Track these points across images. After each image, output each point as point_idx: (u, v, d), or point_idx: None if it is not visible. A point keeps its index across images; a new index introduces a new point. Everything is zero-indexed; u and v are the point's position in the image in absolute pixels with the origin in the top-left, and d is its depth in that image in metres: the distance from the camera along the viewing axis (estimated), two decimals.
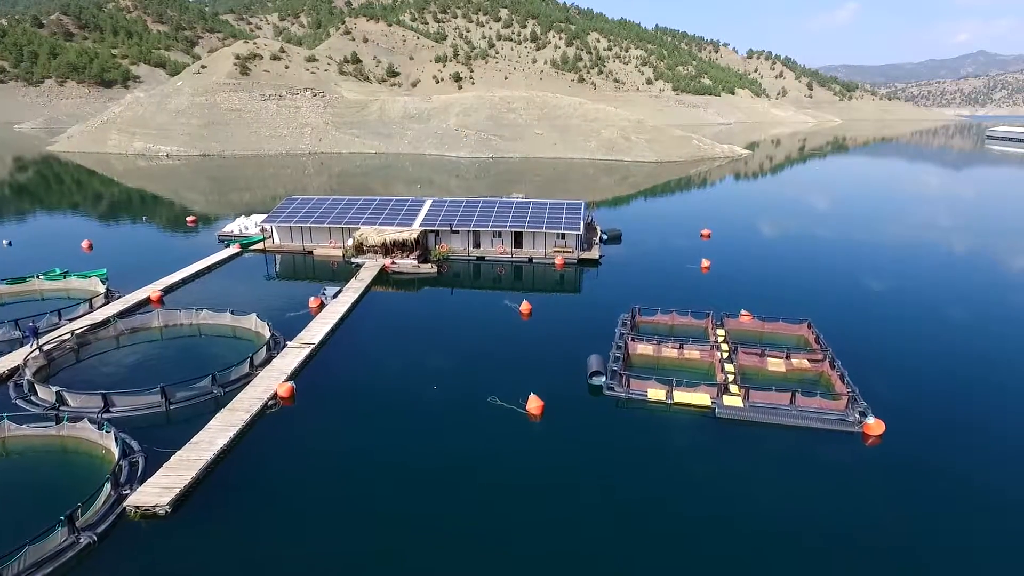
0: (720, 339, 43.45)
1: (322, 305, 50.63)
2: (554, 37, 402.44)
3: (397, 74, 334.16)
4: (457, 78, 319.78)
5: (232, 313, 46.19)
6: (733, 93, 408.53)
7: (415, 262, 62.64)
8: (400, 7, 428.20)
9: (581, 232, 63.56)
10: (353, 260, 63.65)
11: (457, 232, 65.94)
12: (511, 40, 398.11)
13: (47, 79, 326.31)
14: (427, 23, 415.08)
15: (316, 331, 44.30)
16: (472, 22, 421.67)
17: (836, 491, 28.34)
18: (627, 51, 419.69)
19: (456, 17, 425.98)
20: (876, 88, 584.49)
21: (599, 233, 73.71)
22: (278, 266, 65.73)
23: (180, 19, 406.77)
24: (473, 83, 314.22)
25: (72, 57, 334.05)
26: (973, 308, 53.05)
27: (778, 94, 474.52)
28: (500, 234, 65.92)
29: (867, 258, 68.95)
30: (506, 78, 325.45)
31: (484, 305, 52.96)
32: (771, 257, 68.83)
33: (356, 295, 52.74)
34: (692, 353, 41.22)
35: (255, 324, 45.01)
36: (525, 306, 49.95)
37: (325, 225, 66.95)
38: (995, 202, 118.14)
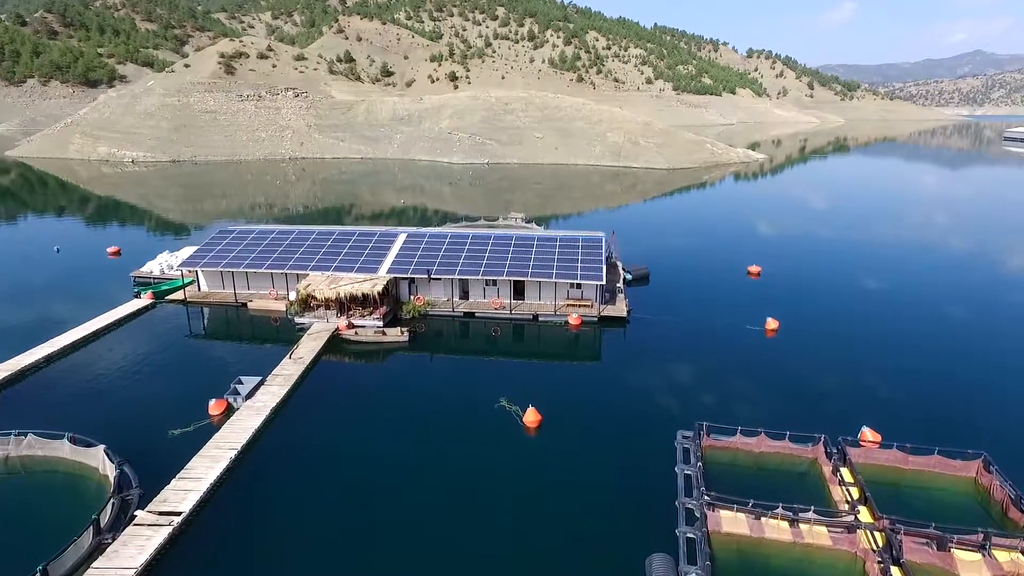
0: (852, 491, 26.07)
1: (229, 411, 33.08)
2: (552, 36, 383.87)
3: (391, 73, 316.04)
4: (453, 77, 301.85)
5: (72, 443, 28.62)
6: (734, 93, 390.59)
7: (379, 323, 45.05)
8: (395, 5, 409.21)
9: (603, 282, 45.95)
10: (297, 320, 46.01)
11: (439, 279, 48.40)
12: (508, 39, 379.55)
13: (29, 79, 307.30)
14: (422, 21, 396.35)
15: (194, 481, 26.65)
16: (468, 20, 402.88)
17: None
18: (626, 50, 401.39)
19: (452, 15, 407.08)
20: (875, 88, 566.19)
21: (622, 273, 56.21)
22: (205, 322, 48.26)
23: (169, 17, 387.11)
24: (469, 82, 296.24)
25: (55, 56, 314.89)
26: None
27: (779, 94, 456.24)
28: (495, 281, 48.36)
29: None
30: (503, 77, 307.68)
31: (471, 401, 35.30)
32: (859, 312, 50.22)
33: (284, 390, 35.08)
34: (817, 534, 23.79)
35: (102, 464, 27.50)
36: (532, 417, 32.38)
37: (263, 270, 49.19)
38: None
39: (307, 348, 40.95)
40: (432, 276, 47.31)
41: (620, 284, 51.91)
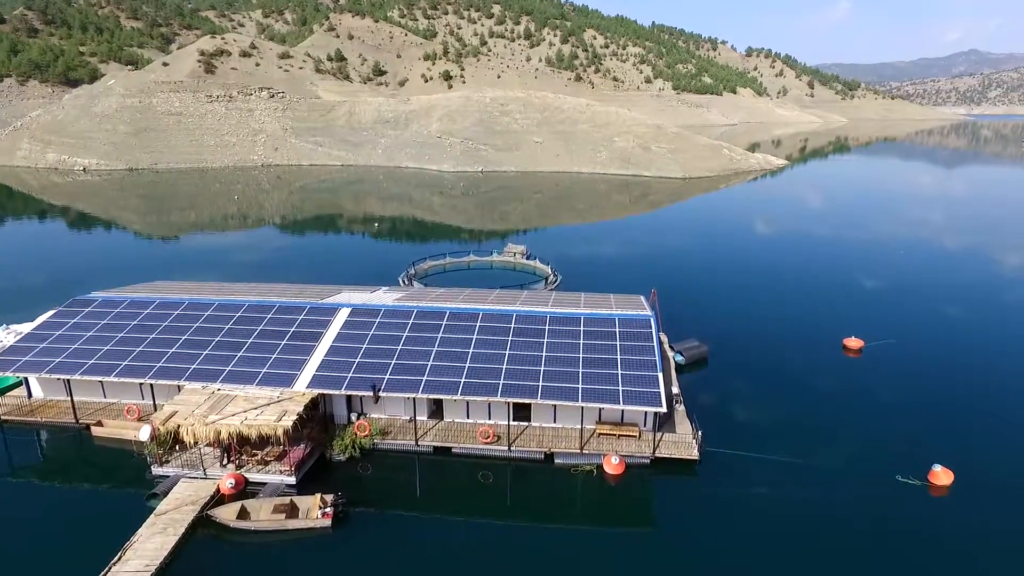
0: None
1: None
2: (549, 34, 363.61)
3: (384, 72, 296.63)
4: (447, 76, 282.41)
5: None
6: (735, 92, 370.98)
7: (290, 479, 26.18)
8: (388, 3, 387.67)
9: (663, 407, 26.97)
10: (156, 472, 27.07)
11: (396, 394, 29.37)
12: (504, 37, 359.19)
13: (7, 78, 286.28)
14: (416, 20, 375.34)
15: None
16: (463, 19, 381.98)
17: None
18: (624, 48, 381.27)
19: (447, 13, 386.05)
20: (873, 87, 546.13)
21: (671, 356, 37.46)
22: (39, 453, 29.45)
23: (156, 15, 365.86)
24: (464, 82, 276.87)
25: (35, 54, 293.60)
26: None
27: (779, 93, 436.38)
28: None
29: None
30: (499, 76, 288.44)
31: None
32: None
33: None
34: None
35: None
36: None
37: (111, 378, 30.00)
38: None
39: (144, 556, 21.95)
40: (377, 393, 28.26)
41: (676, 388, 32.86)
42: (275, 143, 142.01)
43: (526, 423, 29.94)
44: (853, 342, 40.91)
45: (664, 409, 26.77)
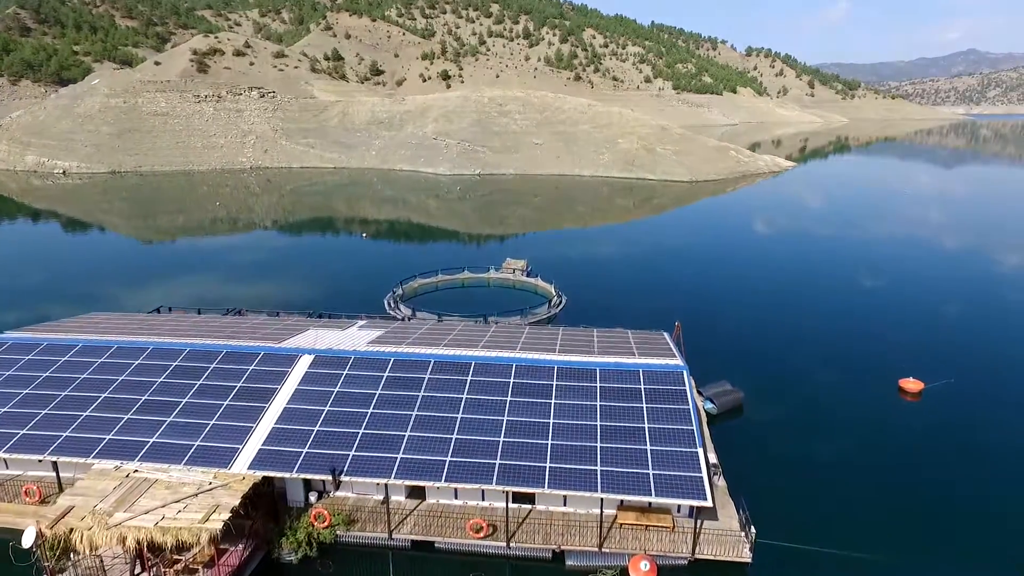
0: None
1: None
2: (548, 33, 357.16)
3: (381, 72, 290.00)
4: (445, 76, 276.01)
5: None
6: (735, 92, 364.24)
7: None
8: (386, 2, 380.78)
9: (708, 501, 20.53)
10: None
11: (363, 479, 22.87)
12: (503, 36, 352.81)
13: None
14: (414, 19, 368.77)
15: None
16: (462, 18, 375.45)
17: None
18: (624, 48, 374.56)
19: (445, 13, 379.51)
20: (872, 87, 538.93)
21: (700, 402, 31.05)
22: None
23: (151, 14, 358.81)
24: (462, 81, 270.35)
25: (28, 54, 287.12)
26: None
27: (779, 92, 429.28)
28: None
29: None
30: (497, 76, 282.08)
31: None
32: None
33: None
34: None
35: None
36: None
37: (3, 454, 23.52)
38: None
39: None
40: (338, 477, 21.77)
41: (713, 455, 26.36)
42: (265, 145, 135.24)
43: (529, 505, 23.46)
44: (911, 384, 34.45)
45: (710, 503, 20.32)
